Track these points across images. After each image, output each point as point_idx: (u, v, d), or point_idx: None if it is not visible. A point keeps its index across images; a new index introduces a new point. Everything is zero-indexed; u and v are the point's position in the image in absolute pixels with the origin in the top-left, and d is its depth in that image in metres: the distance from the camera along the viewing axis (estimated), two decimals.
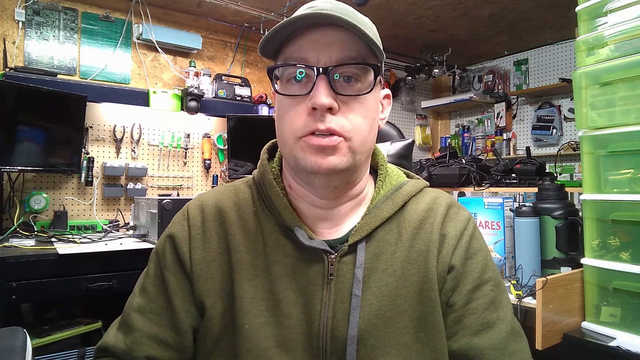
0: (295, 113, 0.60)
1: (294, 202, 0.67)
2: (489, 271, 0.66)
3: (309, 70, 0.58)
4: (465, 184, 1.89)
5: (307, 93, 0.58)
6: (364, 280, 0.62)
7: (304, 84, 0.59)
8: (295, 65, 0.59)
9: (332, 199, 0.65)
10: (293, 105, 0.60)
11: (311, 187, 0.64)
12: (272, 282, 0.63)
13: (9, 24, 2.36)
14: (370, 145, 0.64)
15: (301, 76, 0.59)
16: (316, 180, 0.62)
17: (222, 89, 2.87)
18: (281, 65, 0.61)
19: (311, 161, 0.59)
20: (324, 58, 0.58)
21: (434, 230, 0.66)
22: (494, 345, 0.61)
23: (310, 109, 0.58)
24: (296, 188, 0.67)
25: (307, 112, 0.58)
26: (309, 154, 0.59)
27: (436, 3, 2.79)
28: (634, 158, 1.19)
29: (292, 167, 0.64)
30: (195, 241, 0.66)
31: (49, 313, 2.03)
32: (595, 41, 1.27)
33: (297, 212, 0.66)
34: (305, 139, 0.59)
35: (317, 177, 0.61)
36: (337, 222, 0.66)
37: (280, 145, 0.65)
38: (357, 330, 0.59)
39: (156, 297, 0.66)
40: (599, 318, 1.25)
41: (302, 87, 0.59)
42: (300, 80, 0.59)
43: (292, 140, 0.60)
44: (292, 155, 0.61)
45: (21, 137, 2.11)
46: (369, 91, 0.60)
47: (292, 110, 0.60)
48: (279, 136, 0.64)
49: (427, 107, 4.17)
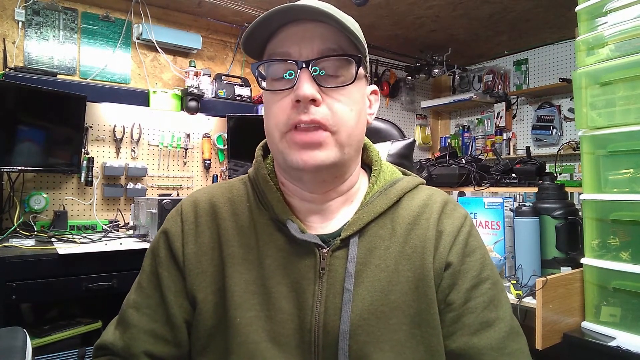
0: (278, 108, 0.60)
1: (287, 199, 0.67)
2: (487, 269, 0.66)
3: (291, 65, 0.59)
4: (465, 184, 1.89)
5: (290, 87, 0.59)
6: (357, 275, 0.62)
7: (287, 79, 0.60)
8: (277, 61, 0.60)
9: (321, 193, 0.65)
10: (277, 101, 0.61)
11: (301, 182, 0.65)
12: (264, 276, 0.63)
13: (9, 24, 2.36)
14: (359, 138, 0.65)
15: (285, 72, 0.60)
16: (304, 176, 0.62)
17: (222, 89, 2.87)
18: (264, 62, 0.62)
19: (297, 158, 0.59)
20: (306, 51, 0.59)
21: (429, 226, 0.65)
22: (492, 344, 0.61)
23: (294, 102, 0.58)
24: (287, 184, 0.67)
25: (291, 106, 0.59)
26: (294, 150, 0.59)
27: (436, 3, 2.79)
28: (634, 158, 1.19)
29: (280, 163, 0.65)
30: (187, 236, 0.67)
31: (49, 313, 2.03)
32: (595, 41, 1.27)
33: (291, 207, 0.66)
34: (290, 135, 0.59)
35: (305, 173, 0.61)
36: (329, 217, 0.66)
37: (268, 143, 0.66)
38: (349, 325, 0.59)
39: (151, 293, 0.67)
40: (599, 318, 1.25)
41: (286, 82, 0.60)
42: (284, 76, 0.60)
43: (277, 136, 0.61)
44: (279, 151, 0.62)
45: (21, 137, 2.11)
46: (351, 82, 0.60)
47: (276, 105, 0.61)
48: (267, 133, 0.64)
49: (427, 107, 4.17)
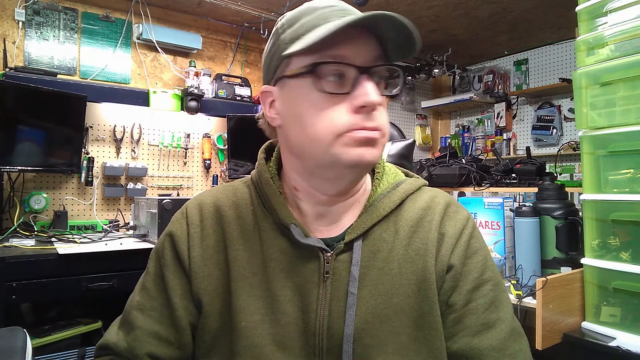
0: (334, 111, 0.57)
1: (297, 202, 0.67)
2: (489, 271, 0.66)
3: (348, 69, 0.58)
4: (465, 184, 1.89)
5: (346, 92, 0.58)
6: (360, 279, 0.62)
7: (338, 83, 0.58)
8: (341, 64, 0.57)
9: (341, 194, 0.65)
10: (333, 104, 0.58)
11: (328, 183, 0.63)
12: (269, 279, 0.63)
13: (9, 24, 2.36)
14: None
15: (338, 75, 0.58)
16: (348, 174, 0.62)
17: (222, 89, 2.87)
18: (328, 62, 0.57)
19: (354, 153, 0.57)
20: (362, 57, 0.58)
21: (432, 228, 0.65)
22: (494, 345, 0.61)
23: (357, 107, 0.57)
24: (302, 187, 0.66)
25: (352, 110, 0.57)
26: (352, 147, 0.57)
27: (436, 3, 2.79)
28: (634, 158, 1.19)
29: (322, 165, 0.60)
30: (193, 239, 0.67)
31: (49, 313, 2.02)
32: (595, 41, 1.27)
33: (300, 210, 0.66)
34: (350, 134, 0.57)
35: (352, 170, 0.61)
36: (336, 219, 0.66)
37: (308, 145, 0.60)
38: (353, 328, 0.59)
39: (156, 295, 0.67)
40: (599, 318, 1.25)
41: (337, 85, 0.58)
42: (333, 79, 0.58)
43: (329, 138, 0.57)
44: (328, 153, 0.58)
45: (21, 137, 2.11)
46: (400, 92, 0.62)
47: (331, 108, 0.57)
48: (308, 136, 0.59)
49: (427, 107, 4.17)
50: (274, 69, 0.63)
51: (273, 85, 0.64)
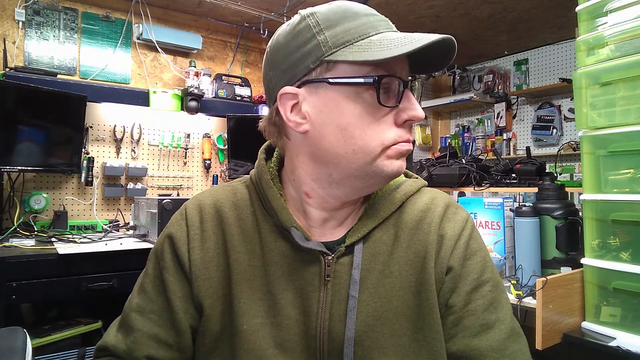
0: (383, 122, 0.58)
1: (305, 207, 0.66)
2: (488, 272, 0.66)
3: (395, 82, 0.58)
4: (465, 184, 1.89)
5: (395, 105, 0.58)
6: (361, 282, 0.62)
7: (386, 95, 0.58)
8: (396, 77, 0.58)
9: (354, 201, 0.66)
10: (381, 115, 0.58)
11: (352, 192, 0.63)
12: (270, 282, 0.63)
13: (9, 24, 2.36)
14: None
15: (390, 88, 0.58)
16: (379, 184, 0.63)
17: (222, 89, 2.87)
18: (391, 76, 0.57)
19: (396, 166, 0.60)
20: (405, 70, 0.60)
21: (431, 230, 0.65)
22: (493, 346, 0.61)
23: (403, 121, 0.59)
24: (316, 195, 0.64)
25: (398, 123, 0.59)
26: (394, 159, 0.60)
27: (436, 3, 2.78)
28: (634, 158, 1.19)
29: (359, 175, 0.60)
30: (193, 241, 0.66)
31: (49, 313, 2.03)
32: (595, 41, 1.27)
33: (306, 214, 0.66)
34: (396, 147, 0.59)
35: (387, 181, 0.62)
36: (338, 223, 0.66)
37: (348, 155, 0.58)
38: (354, 331, 0.59)
39: (155, 297, 0.66)
40: (599, 318, 1.25)
41: (386, 97, 0.58)
42: (385, 91, 0.58)
43: (378, 150, 0.58)
44: (372, 164, 0.58)
45: (21, 137, 2.11)
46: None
47: (381, 120, 0.58)
48: (353, 146, 0.58)
49: (427, 107, 4.17)
50: (305, 70, 0.58)
51: (298, 87, 0.59)
